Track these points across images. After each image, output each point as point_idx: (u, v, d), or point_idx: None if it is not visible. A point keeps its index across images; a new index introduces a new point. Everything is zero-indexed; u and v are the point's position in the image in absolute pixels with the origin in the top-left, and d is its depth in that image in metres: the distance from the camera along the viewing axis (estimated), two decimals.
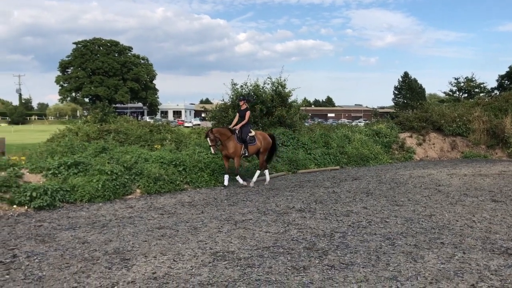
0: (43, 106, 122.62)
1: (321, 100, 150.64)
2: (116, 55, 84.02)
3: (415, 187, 11.68)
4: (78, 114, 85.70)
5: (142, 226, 7.44)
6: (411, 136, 20.79)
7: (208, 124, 27.75)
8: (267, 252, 6.00)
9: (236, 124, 12.34)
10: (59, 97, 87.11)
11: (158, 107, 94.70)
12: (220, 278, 5.02)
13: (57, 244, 6.38)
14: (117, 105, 79.58)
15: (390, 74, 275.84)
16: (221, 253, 5.95)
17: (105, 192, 9.72)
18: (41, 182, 9.29)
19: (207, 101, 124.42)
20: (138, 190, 10.54)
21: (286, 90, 18.99)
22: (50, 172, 9.69)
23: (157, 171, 10.96)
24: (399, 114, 26.66)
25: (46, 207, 8.74)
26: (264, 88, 18.73)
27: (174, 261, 5.63)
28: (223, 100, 19.41)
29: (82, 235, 6.88)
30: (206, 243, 6.43)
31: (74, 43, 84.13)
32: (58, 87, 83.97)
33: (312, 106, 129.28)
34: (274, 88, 18.80)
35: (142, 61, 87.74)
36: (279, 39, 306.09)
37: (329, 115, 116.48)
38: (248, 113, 12.31)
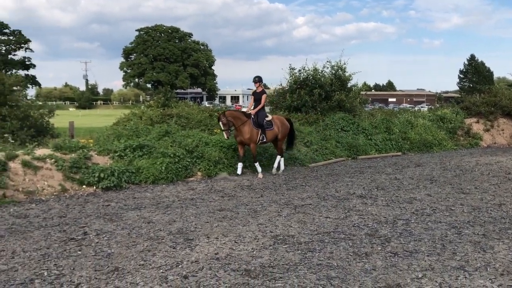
0: (108, 92, 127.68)
1: (381, 84, 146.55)
2: (177, 41, 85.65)
3: (483, 174, 11.15)
4: (141, 99, 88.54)
5: (204, 208, 7.60)
6: (478, 122, 19.81)
7: (266, 109, 27.79)
8: (328, 237, 5.96)
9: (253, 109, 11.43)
10: (123, 83, 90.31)
11: (217, 92, 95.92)
12: (281, 261, 5.05)
13: (124, 223, 6.65)
14: (177, 90, 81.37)
15: (455, 57, 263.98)
16: (282, 237, 5.97)
17: (168, 174, 10.01)
18: (108, 164, 9.70)
19: (264, 86, 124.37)
20: (199, 173, 10.77)
21: (346, 74, 18.63)
22: (116, 154, 10.09)
23: (217, 154, 11.14)
24: (465, 98, 25.40)
25: (113, 187, 9.13)
26: (323, 72, 18.48)
27: (236, 242, 5.71)
28: (281, 85, 19.34)
29: (147, 215, 7.13)
30: (266, 226, 6.47)
31: (137, 30, 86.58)
32: (122, 73, 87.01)
33: (373, 90, 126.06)
34: (334, 72, 18.48)
35: (202, 47, 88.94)
36: (339, 22, 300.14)
37: (390, 99, 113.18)
38: (264, 96, 11.45)
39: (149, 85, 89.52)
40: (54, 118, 17.02)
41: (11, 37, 78.30)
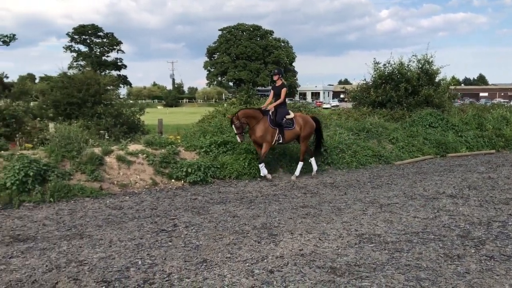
0: (192, 90, 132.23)
1: (472, 78, 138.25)
2: (258, 39, 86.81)
3: None
4: (223, 97, 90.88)
5: (287, 204, 7.64)
6: None
7: (349, 105, 27.34)
8: (416, 238, 5.73)
9: (270, 105, 10.33)
10: (207, 81, 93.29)
11: (297, 89, 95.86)
12: (367, 260, 4.94)
13: (210, 216, 6.86)
14: (258, 87, 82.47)
15: None
16: (367, 236, 5.84)
17: (251, 170, 10.17)
18: (195, 159, 10.05)
19: (345, 82, 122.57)
20: (280, 169, 10.83)
21: (434, 68, 17.89)
22: (202, 150, 10.43)
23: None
24: None
25: (200, 182, 9.44)
26: (409, 66, 17.86)
27: (320, 240, 5.68)
28: (365, 80, 18.95)
29: (232, 209, 7.31)
30: (351, 225, 6.36)
31: (219, 29, 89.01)
32: (205, 72, 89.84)
33: (462, 84, 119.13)
34: (420, 65, 17.81)
35: (283, 44, 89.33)
36: (425, 14, 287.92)
37: (481, 94, 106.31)
38: (284, 90, 10.10)
39: (231, 83, 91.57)
40: (144, 115, 17.95)
41: (104, 40, 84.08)
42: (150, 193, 8.64)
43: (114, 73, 78.32)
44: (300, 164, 10.40)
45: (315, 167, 10.65)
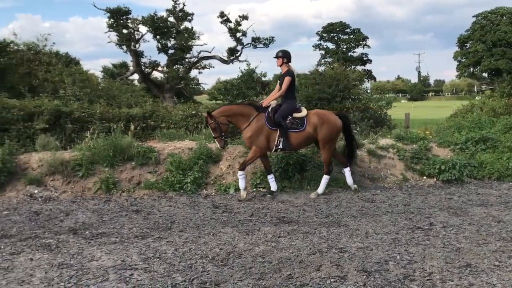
0: (439, 83, 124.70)
1: None
2: None
3: None
4: (474, 90, 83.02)
5: None
6: None
7: None
8: None
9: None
10: (457, 73, 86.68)
11: None
12: None
13: (470, 218, 6.35)
14: None
15: None
16: None
17: None
18: (448, 156, 9.45)
19: None
20: None
21: None
22: (457, 147, 9.73)
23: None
24: None
25: (454, 181, 8.83)
26: None
27: None
28: None
29: (496, 213, 6.61)
30: None
31: (474, 16, 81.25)
32: (455, 63, 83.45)
33: None
34: None
35: None
36: None
37: None
38: (287, 79, 7.62)
39: (484, 74, 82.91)
40: (391, 109, 17.76)
41: (351, 36, 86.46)
42: (401, 188, 8.51)
43: (359, 68, 79.65)
44: (325, 178, 7.97)
45: (349, 180, 8.25)
